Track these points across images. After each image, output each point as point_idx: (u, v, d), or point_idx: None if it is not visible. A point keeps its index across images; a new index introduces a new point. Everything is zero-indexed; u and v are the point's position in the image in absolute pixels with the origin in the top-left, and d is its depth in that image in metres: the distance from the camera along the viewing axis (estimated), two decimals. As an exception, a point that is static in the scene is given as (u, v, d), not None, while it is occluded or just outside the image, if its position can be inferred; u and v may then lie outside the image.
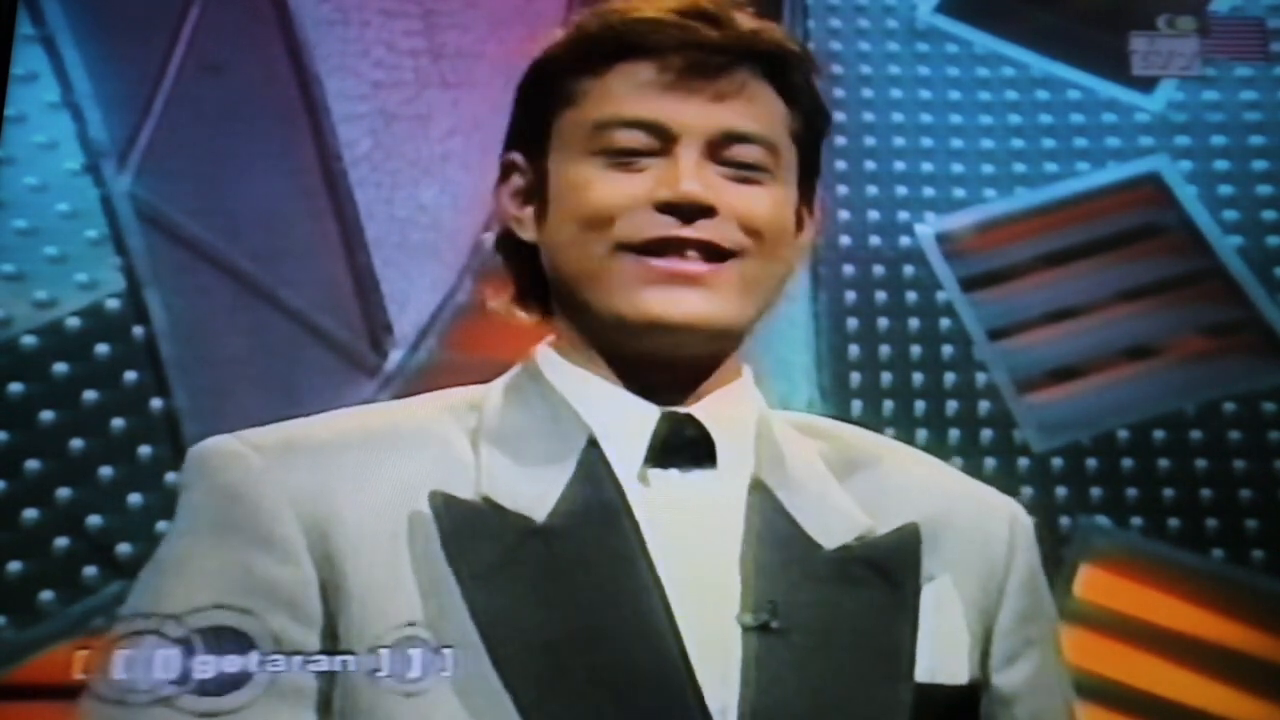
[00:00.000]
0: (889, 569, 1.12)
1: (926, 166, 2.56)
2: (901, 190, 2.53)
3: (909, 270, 2.50)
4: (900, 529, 1.14)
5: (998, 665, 1.16)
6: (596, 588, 1.06)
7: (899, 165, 2.54)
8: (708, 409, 1.14)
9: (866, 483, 1.17)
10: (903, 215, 2.52)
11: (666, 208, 1.10)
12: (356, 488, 1.08)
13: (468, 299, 2.42)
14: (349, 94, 2.49)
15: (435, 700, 1.02)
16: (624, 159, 1.12)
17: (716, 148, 1.12)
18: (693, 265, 1.10)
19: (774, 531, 1.11)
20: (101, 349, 2.33)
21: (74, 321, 2.33)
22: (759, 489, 1.13)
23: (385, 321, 2.40)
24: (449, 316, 2.41)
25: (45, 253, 2.36)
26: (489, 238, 2.39)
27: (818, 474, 1.17)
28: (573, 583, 1.06)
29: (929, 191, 2.55)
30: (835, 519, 1.14)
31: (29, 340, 2.32)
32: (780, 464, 1.15)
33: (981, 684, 1.15)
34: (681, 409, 1.14)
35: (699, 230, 1.10)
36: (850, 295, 2.46)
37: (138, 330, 2.35)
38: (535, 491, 1.09)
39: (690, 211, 1.10)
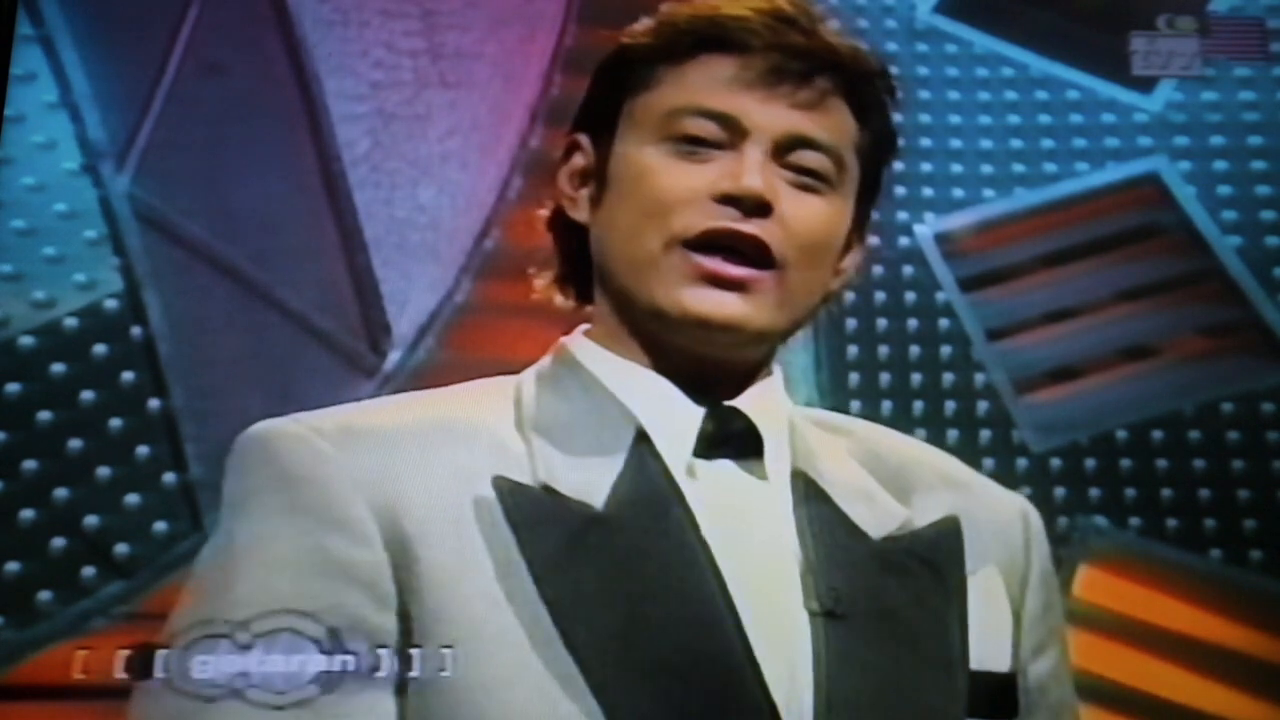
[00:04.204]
0: (934, 560, 1.14)
1: (925, 167, 2.56)
2: (900, 190, 2.53)
3: (908, 270, 2.50)
4: (941, 521, 1.16)
5: (1028, 656, 1.18)
6: (657, 576, 1.07)
7: (898, 165, 2.52)
8: (750, 403, 1.15)
9: (894, 477, 1.19)
10: (901, 215, 2.52)
11: (727, 199, 1.11)
12: (420, 473, 1.09)
13: (466, 299, 2.42)
14: (348, 94, 2.49)
15: (511, 684, 1.03)
16: (690, 148, 1.13)
17: (783, 150, 1.13)
18: (738, 269, 1.10)
19: (825, 521, 1.12)
20: (99, 349, 2.33)
21: (72, 322, 2.33)
22: (803, 480, 1.14)
23: (384, 322, 2.40)
24: (447, 317, 2.41)
25: (43, 253, 2.36)
26: (489, 238, 2.42)
27: (850, 467, 1.18)
28: (634, 571, 1.07)
29: (928, 191, 2.55)
30: (878, 510, 1.15)
31: (27, 340, 2.31)
32: (815, 458, 1.16)
33: (1017, 672, 1.16)
34: (726, 402, 1.15)
35: (754, 226, 1.10)
36: (849, 296, 2.46)
37: (136, 330, 2.35)
38: (588, 481, 1.09)
39: (750, 206, 1.10)
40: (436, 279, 2.43)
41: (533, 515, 1.07)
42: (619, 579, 1.06)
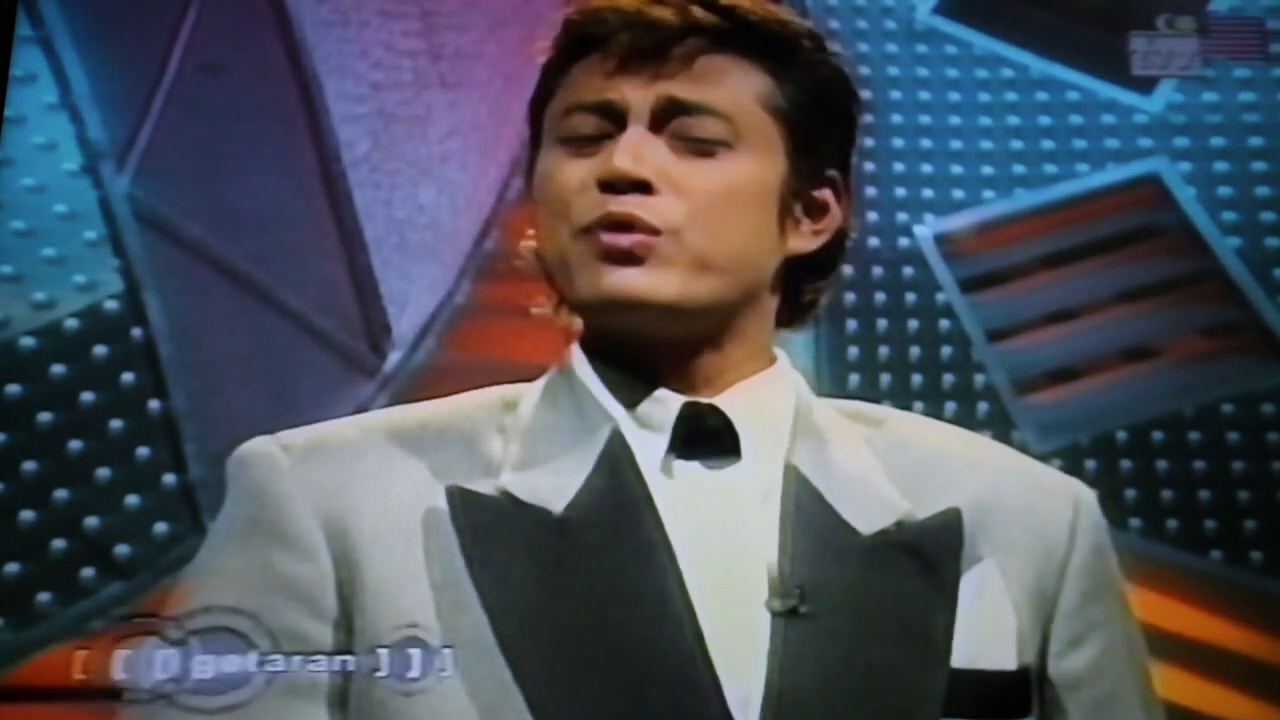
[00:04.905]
0: (926, 553, 1.12)
1: (925, 168, 2.56)
2: (900, 191, 2.53)
3: (908, 271, 2.50)
4: (941, 513, 1.14)
5: (1061, 649, 1.15)
6: (613, 579, 1.06)
7: (898, 166, 2.54)
8: (733, 398, 1.14)
9: (912, 467, 1.17)
10: (902, 216, 2.52)
11: (605, 185, 1.11)
12: (377, 485, 1.10)
13: (466, 300, 2.42)
14: (348, 95, 2.49)
15: (446, 694, 1.03)
16: (581, 144, 1.14)
17: (664, 120, 1.12)
18: (625, 237, 1.10)
19: (807, 517, 1.11)
20: (100, 350, 2.33)
21: (72, 323, 2.33)
22: (793, 475, 1.13)
23: (384, 322, 2.40)
24: (448, 317, 2.41)
25: (43, 254, 2.36)
26: (489, 239, 2.42)
27: (860, 459, 1.16)
28: (588, 575, 1.06)
29: (928, 193, 2.55)
30: (874, 504, 1.13)
31: (27, 341, 2.31)
32: (819, 450, 1.15)
33: (1034, 669, 1.14)
34: (705, 399, 1.14)
35: (629, 205, 1.10)
36: (849, 296, 2.46)
37: (136, 331, 2.35)
38: (556, 484, 1.09)
39: (623, 186, 1.10)
40: (436, 280, 2.43)
41: (481, 522, 1.08)
42: (569, 584, 1.06)
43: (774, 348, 1.20)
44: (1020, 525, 1.15)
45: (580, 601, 1.05)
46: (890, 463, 1.17)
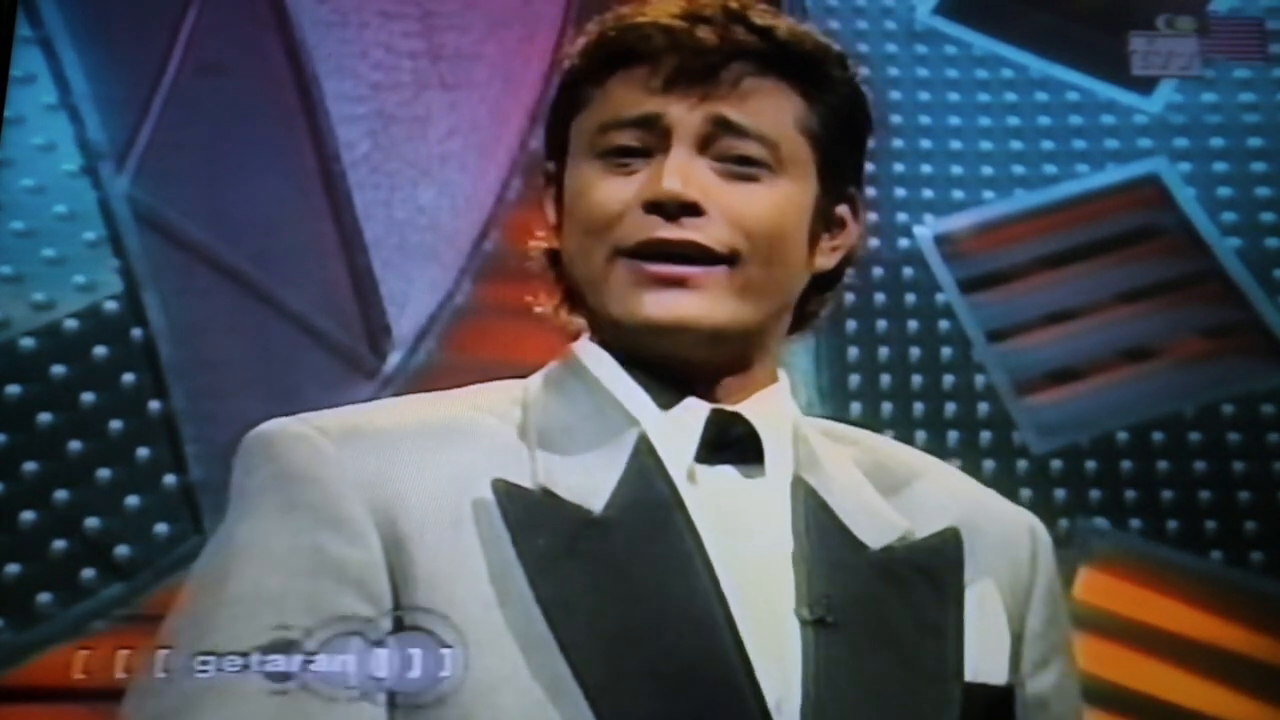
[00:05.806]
0: (933, 570, 1.14)
1: (925, 168, 2.56)
2: (900, 192, 2.53)
3: (908, 272, 2.50)
4: (941, 532, 1.16)
5: (1029, 670, 1.18)
6: (654, 580, 1.07)
7: (898, 167, 2.54)
8: (754, 408, 1.15)
9: (898, 488, 1.19)
10: (901, 217, 2.52)
11: (652, 207, 1.10)
12: (419, 474, 1.09)
13: (466, 301, 2.42)
14: (347, 95, 2.49)
15: (499, 685, 1.03)
16: (621, 160, 1.13)
17: (709, 143, 1.12)
18: (682, 267, 1.10)
19: (822, 529, 1.12)
20: (99, 351, 2.33)
21: (72, 323, 2.33)
22: (802, 488, 1.14)
23: (384, 323, 2.40)
24: (447, 318, 2.41)
25: (43, 255, 2.36)
26: (489, 240, 2.42)
27: (853, 477, 1.18)
28: (631, 574, 1.07)
29: (928, 193, 2.55)
30: (876, 520, 1.15)
31: (27, 342, 2.32)
32: (818, 466, 1.16)
33: (1016, 686, 1.16)
34: (729, 407, 1.15)
35: (685, 230, 1.10)
36: (849, 297, 2.46)
37: (136, 332, 2.35)
38: (589, 484, 1.10)
39: (674, 209, 1.10)
40: (436, 280, 2.43)
41: (529, 517, 1.08)
42: (614, 582, 1.06)
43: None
44: (996, 551, 1.18)
45: (626, 600, 1.06)
46: (876, 481, 1.19)
